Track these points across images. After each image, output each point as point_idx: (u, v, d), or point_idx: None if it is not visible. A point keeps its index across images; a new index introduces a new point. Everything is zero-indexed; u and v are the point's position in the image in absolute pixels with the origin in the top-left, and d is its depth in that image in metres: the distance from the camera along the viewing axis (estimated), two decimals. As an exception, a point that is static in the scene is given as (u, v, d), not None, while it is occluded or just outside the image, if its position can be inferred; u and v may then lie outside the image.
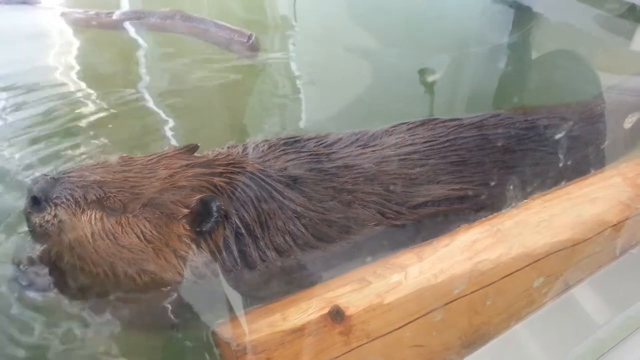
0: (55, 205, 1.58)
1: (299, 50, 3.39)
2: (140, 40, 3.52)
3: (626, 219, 1.68)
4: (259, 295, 1.63)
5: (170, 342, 1.64)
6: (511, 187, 1.91)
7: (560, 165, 2.02)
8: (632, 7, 3.35)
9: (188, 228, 1.59)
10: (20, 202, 1.75)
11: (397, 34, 3.53)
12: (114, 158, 1.69)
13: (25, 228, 1.66)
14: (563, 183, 1.86)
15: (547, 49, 3.39)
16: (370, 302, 1.38)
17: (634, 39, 3.15)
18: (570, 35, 3.42)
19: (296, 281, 1.65)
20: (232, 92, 2.93)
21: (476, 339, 1.41)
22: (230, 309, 1.51)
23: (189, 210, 1.59)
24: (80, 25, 3.68)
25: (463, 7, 3.97)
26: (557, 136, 2.11)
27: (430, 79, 3.06)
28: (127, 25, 3.63)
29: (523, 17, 3.77)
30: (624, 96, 2.38)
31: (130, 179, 1.61)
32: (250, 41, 3.13)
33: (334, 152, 1.91)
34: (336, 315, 1.33)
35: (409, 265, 1.51)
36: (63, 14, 3.74)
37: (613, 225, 1.65)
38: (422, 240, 1.62)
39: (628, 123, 2.21)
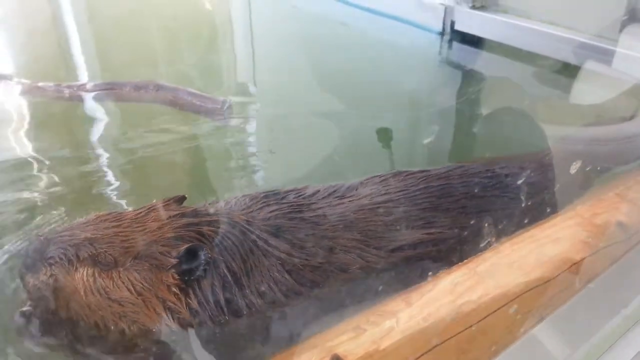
0: (50, 265, 1.57)
1: (264, 115, 3.48)
2: (111, 110, 3.56)
3: (587, 256, 1.78)
4: (248, 345, 1.60)
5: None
6: (478, 229, 1.99)
7: (522, 208, 2.12)
8: (566, 64, 3.63)
9: (177, 277, 1.57)
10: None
11: (354, 96, 3.68)
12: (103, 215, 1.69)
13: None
14: (526, 225, 1.95)
15: (494, 105, 3.61)
16: (367, 349, 1.39)
17: (571, 92, 3.42)
18: (514, 92, 3.67)
19: (285, 329, 1.64)
20: (205, 155, 2.96)
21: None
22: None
23: (177, 260, 1.57)
24: (52, 98, 3.69)
25: (415, 70, 4.19)
26: (517, 183, 2.22)
27: (389, 137, 3.19)
28: (100, 96, 3.67)
29: (469, 78, 4.03)
30: (574, 146, 2.55)
31: (120, 234, 1.59)
32: (225, 107, 3.20)
33: (313, 203, 1.94)
34: (337, 364, 1.34)
35: (399, 312, 1.53)
36: (35, 88, 3.75)
37: (576, 263, 1.73)
38: (403, 282, 1.66)
39: (578, 169, 2.37)
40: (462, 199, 2.07)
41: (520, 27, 3.93)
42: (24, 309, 1.68)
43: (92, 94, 3.67)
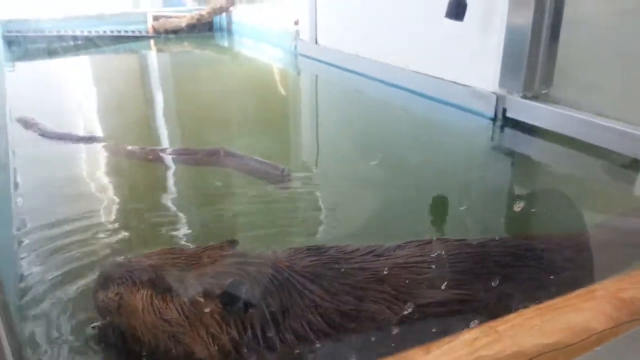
0: (117, 284, 1.84)
1: (321, 182, 3.73)
2: (185, 172, 3.97)
3: (609, 328, 1.81)
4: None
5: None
6: (506, 296, 2.07)
7: (553, 280, 2.18)
8: (635, 159, 3.65)
9: (220, 307, 1.77)
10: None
11: (409, 174, 3.86)
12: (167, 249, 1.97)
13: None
14: (553, 297, 2.01)
15: (541, 189, 3.67)
16: (382, 384, 1.51)
17: (636, 185, 3.45)
18: (571, 182, 3.71)
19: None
20: (262, 214, 3.21)
21: None
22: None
23: (221, 291, 1.77)
24: (138, 159, 4.15)
25: (467, 153, 4.34)
26: (553, 257, 2.29)
27: (439, 210, 3.32)
28: (177, 160, 4.10)
29: (520, 163, 4.13)
30: (610, 233, 2.60)
31: (178, 264, 1.84)
32: (284, 173, 3.51)
33: (352, 258, 2.11)
34: (352, 397, 1.46)
35: (417, 358, 1.64)
36: (123, 150, 4.23)
37: (597, 333, 1.78)
38: (427, 336, 1.76)
39: (612, 253, 2.41)
40: (494, 266, 2.16)
41: (575, 118, 4.02)
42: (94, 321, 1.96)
43: (171, 157, 4.10)
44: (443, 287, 2.03)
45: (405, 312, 1.93)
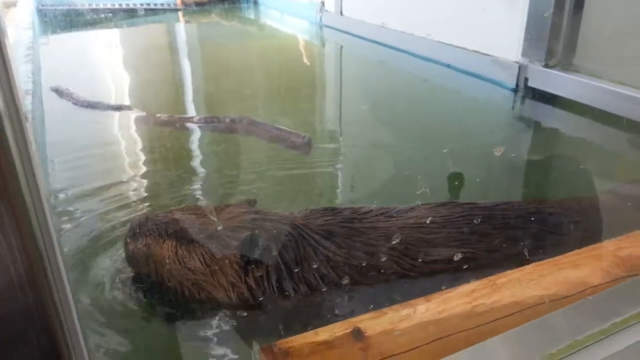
0: (146, 236, 2.01)
1: (342, 149, 3.85)
2: (211, 139, 4.13)
3: (605, 282, 1.90)
4: (291, 320, 1.90)
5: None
6: (510, 254, 2.16)
7: (557, 241, 2.26)
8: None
9: (238, 257, 1.93)
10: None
11: (430, 144, 3.91)
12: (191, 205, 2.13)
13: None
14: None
15: (562, 157, 3.70)
16: (385, 327, 1.63)
17: None
18: (592, 151, 3.71)
19: (322, 311, 1.92)
20: (284, 179, 3.33)
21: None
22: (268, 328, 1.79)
23: (240, 243, 1.93)
24: (166, 126, 4.31)
25: (488, 124, 4.34)
26: (559, 221, 2.36)
27: (457, 181, 3.38)
28: (204, 127, 4.24)
29: (541, 133, 4.13)
30: (620, 198, 2.65)
31: (199, 218, 2.00)
32: (305, 140, 3.62)
33: (365, 218, 2.23)
34: (357, 334, 1.58)
35: (418, 304, 1.77)
36: (152, 117, 4.40)
37: (594, 287, 1.87)
38: (431, 289, 1.88)
39: (619, 218, 2.47)
40: (501, 226, 2.25)
41: (597, 88, 3.98)
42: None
43: (196, 125, 4.25)
44: (450, 245, 2.14)
45: (412, 268, 2.05)
